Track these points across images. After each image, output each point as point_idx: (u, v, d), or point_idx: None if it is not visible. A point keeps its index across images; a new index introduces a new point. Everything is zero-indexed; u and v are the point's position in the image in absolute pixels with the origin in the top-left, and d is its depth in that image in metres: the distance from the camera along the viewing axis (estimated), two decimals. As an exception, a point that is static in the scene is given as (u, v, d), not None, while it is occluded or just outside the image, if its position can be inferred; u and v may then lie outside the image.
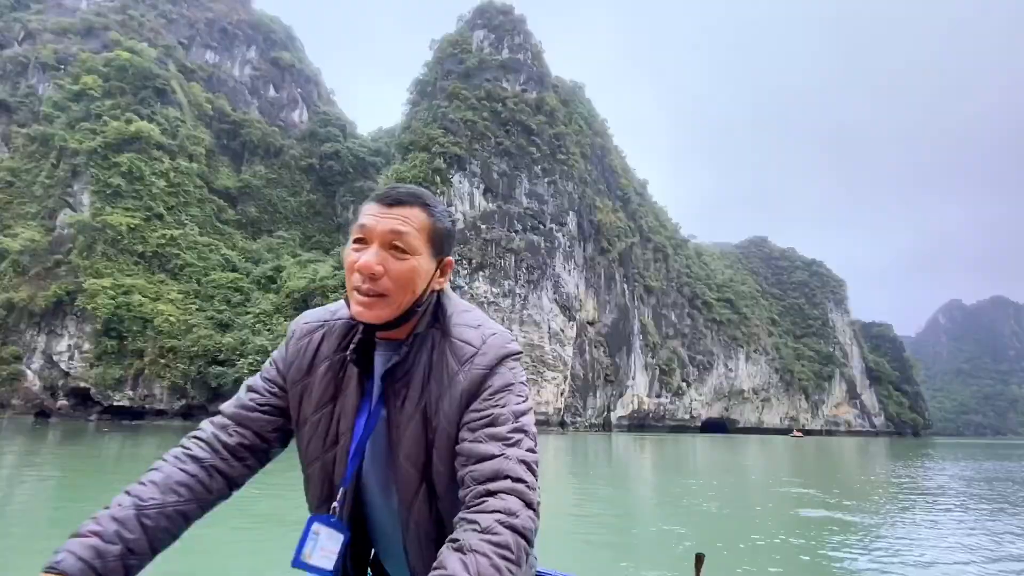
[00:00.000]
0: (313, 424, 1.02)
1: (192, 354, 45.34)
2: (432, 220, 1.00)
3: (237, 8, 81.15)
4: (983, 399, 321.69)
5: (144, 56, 59.33)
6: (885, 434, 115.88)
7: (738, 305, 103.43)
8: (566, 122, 69.22)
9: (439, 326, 1.03)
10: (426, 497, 0.97)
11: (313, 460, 1.03)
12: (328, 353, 1.05)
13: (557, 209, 61.92)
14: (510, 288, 55.47)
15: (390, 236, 0.95)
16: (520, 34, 69.03)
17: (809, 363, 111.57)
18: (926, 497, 13.64)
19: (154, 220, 51.47)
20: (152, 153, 53.55)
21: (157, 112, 56.77)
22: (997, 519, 10.50)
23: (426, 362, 1.00)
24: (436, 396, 0.97)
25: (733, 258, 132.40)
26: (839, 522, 9.44)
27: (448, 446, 0.94)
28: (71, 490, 10.46)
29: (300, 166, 74.26)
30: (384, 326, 0.98)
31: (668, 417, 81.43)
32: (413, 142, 58.70)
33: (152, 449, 19.40)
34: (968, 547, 7.76)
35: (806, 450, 38.73)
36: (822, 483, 16.54)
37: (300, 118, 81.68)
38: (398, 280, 0.95)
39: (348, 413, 1.01)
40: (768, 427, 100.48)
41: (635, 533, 8.55)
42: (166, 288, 48.52)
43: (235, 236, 60.73)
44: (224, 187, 63.43)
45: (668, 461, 24.50)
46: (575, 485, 14.61)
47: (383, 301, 0.95)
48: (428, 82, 68.29)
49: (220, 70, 73.71)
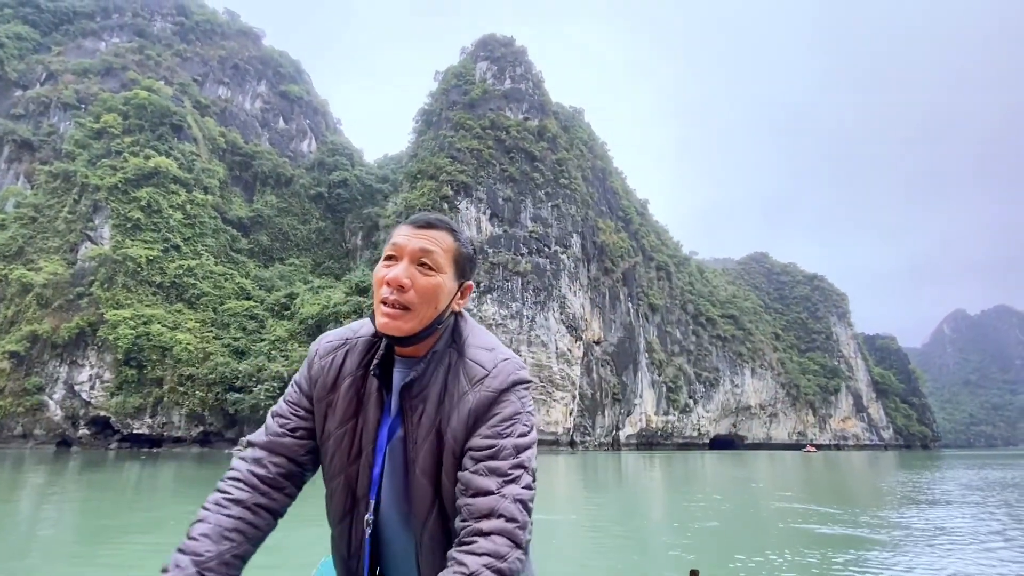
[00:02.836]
0: (337, 439, 1.07)
1: (209, 381, 46.43)
2: (458, 244, 1.11)
3: (248, 45, 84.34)
4: (992, 409, 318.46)
5: (161, 94, 61.81)
6: (894, 447, 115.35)
7: (742, 321, 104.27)
8: (567, 147, 71.40)
9: (456, 346, 1.09)
10: (439, 513, 1.00)
11: (337, 474, 1.08)
12: (351, 369, 1.11)
13: (561, 232, 63.52)
14: (517, 310, 56.69)
15: (419, 253, 1.04)
16: (521, 65, 71.67)
17: (815, 377, 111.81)
18: (937, 509, 14.50)
19: (171, 251, 53.10)
20: (169, 187, 55.50)
21: (174, 147, 58.93)
22: (1011, 527, 11.42)
23: (442, 380, 1.05)
24: (449, 412, 1.02)
25: (735, 274, 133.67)
26: (847, 539, 10.38)
27: (453, 464, 0.99)
28: (93, 516, 11.43)
29: (309, 195, 76.28)
30: (406, 340, 1.04)
31: (676, 435, 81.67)
32: (421, 171, 60.68)
33: (170, 476, 20.09)
34: (985, 562, 7.98)
35: (814, 465, 39.32)
36: (830, 498, 17.38)
37: (309, 148, 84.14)
38: (423, 294, 1.03)
39: (370, 427, 1.06)
40: (777, 442, 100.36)
41: (637, 548, 9.48)
42: (183, 317, 49.86)
43: (248, 264, 62.32)
44: (237, 217, 65.29)
45: (676, 478, 25.33)
46: (584, 503, 15.54)
47: (408, 314, 1.01)
48: (433, 112, 70.70)
49: (232, 104, 76.34)
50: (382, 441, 1.05)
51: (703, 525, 10.80)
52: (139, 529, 9.45)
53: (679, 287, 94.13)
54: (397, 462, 1.05)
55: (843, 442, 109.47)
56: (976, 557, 8.11)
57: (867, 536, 9.71)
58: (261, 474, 1.05)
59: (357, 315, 52.77)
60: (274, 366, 47.63)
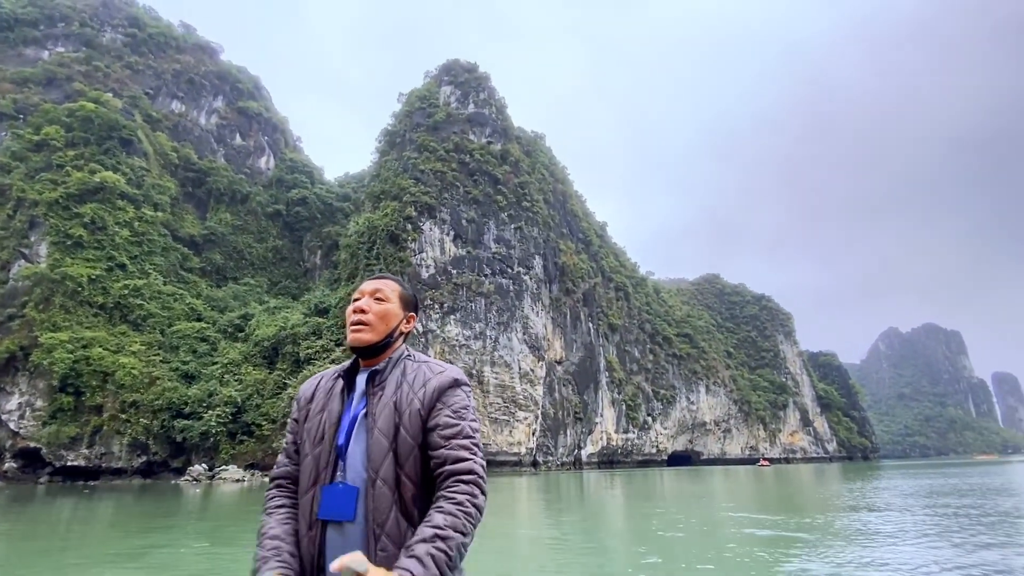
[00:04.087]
0: (308, 430, 1.50)
1: (155, 408, 43.97)
2: (401, 288, 1.64)
3: (204, 59, 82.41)
4: (924, 421, 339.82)
5: (109, 106, 59.34)
6: (838, 459, 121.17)
7: (696, 340, 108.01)
8: (529, 171, 73.09)
9: (412, 359, 1.56)
10: (392, 460, 1.38)
11: (306, 455, 1.48)
12: (323, 384, 1.59)
13: (524, 253, 64.56)
14: (481, 330, 56.87)
15: (374, 291, 1.58)
16: (485, 90, 73.30)
17: (764, 393, 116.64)
18: (874, 514, 15.66)
19: (116, 270, 50.45)
20: (116, 203, 52.99)
21: (122, 162, 56.48)
22: (945, 530, 12.55)
23: (399, 375, 1.50)
24: (407, 393, 1.45)
25: (689, 294, 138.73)
26: (797, 543, 11.18)
27: (417, 423, 1.42)
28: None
29: (267, 212, 74.46)
30: (369, 350, 1.52)
31: (636, 452, 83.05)
32: (384, 191, 60.55)
33: (110, 509, 18.53)
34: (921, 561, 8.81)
35: (767, 478, 41.04)
36: (784, 509, 18.37)
37: (267, 165, 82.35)
38: (378, 314, 1.53)
39: (333, 417, 1.48)
40: (731, 457, 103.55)
41: (606, 559, 9.99)
42: (128, 340, 47.23)
43: (200, 284, 59.88)
44: (189, 235, 62.86)
45: (637, 494, 26.00)
46: (552, 520, 15.87)
47: (367, 328, 1.51)
48: (397, 133, 70.97)
49: (186, 119, 74.07)
50: (344, 422, 1.46)
51: (666, 535, 11.35)
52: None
53: (637, 307, 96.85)
54: (362, 429, 1.44)
55: (792, 455, 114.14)
56: (907, 554, 9.00)
57: (816, 539, 10.51)
58: (288, 497, 1.53)
59: (316, 336, 51.51)
60: (226, 390, 45.71)
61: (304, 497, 1.44)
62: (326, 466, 1.42)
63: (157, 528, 13.55)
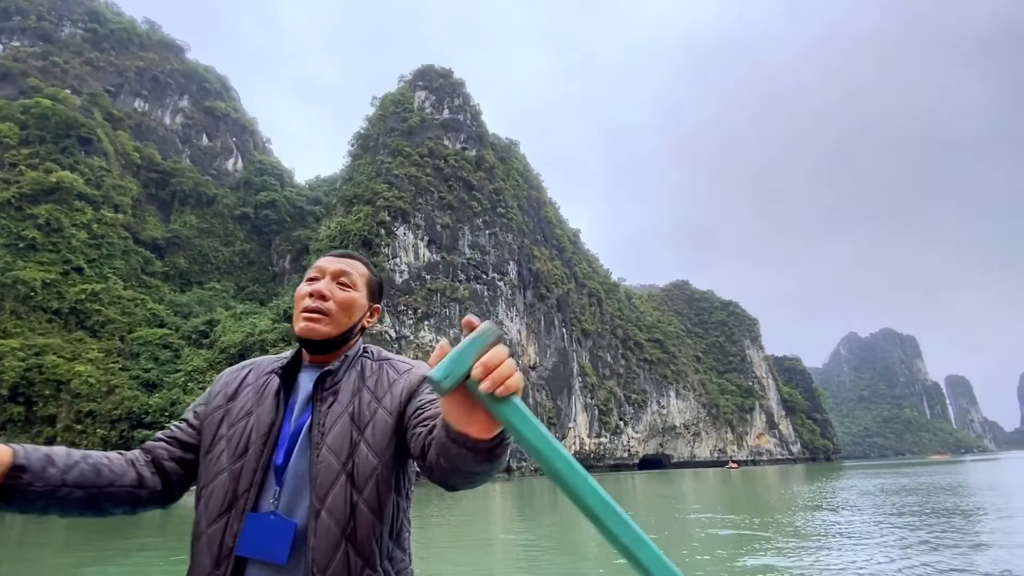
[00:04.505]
0: (227, 439, 1.13)
1: (114, 418, 42.21)
2: (370, 273, 1.32)
3: (169, 57, 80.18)
4: (883, 422, 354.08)
5: (67, 103, 57.09)
6: (802, 460, 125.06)
7: (667, 345, 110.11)
8: (504, 177, 73.56)
9: (370, 357, 1.26)
10: (345, 486, 1.06)
11: (219, 472, 1.10)
12: (253, 380, 1.23)
13: (498, 259, 64.80)
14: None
15: (339, 273, 1.24)
16: (460, 96, 73.55)
17: (732, 397, 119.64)
18: (839, 514, 16.35)
19: (73, 274, 48.39)
20: (73, 204, 50.92)
21: (80, 161, 54.35)
22: (902, 528, 13.20)
23: (356, 378, 1.19)
24: (368, 401, 1.15)
25: (659, 300, 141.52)
26: (751, 539, 11.62)
27: (385, 433, 1.11)
28: None
29: (234, 215, 72.63)
30: (321, 345, 1.20)
31: (608, 456, 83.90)
32: (357, 195, 59.94)
33: (61, 530, 17.55)
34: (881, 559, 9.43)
35: (735, 480, 42.10)
36: (752, 510, 18.96)
37: (235, 167, 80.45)
38: (341, 304, 1.21)
39: (262, 426, 1.13)
40: (700, 460, 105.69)
41: (581, 559, 10.20)
42: (85, 347, 45.26)
43: (162, 289, 57.93)
44: (152, 238, 60.80)
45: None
46: (526, 524, 16.02)
47: (326, 320, 1.19)
48: (371, 137, 70.42)
49: (149, 118, 71.83)
50: (286, 435, 1.13)
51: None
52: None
53: (609, 313, 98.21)
54: (304, 448, 1.11)
55: (759, 457, 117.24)
56: (856, 551, 9.50)
57: (773, 537, 10.97)
58: (131, 457, 1.12)
59: (286, 343, 50.40)
60: (190, 399, 44.19)
61: (213, 525, 1.07)
62: (248, 488, 1.08)
63: (113, 552, 13.02)
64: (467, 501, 23.54)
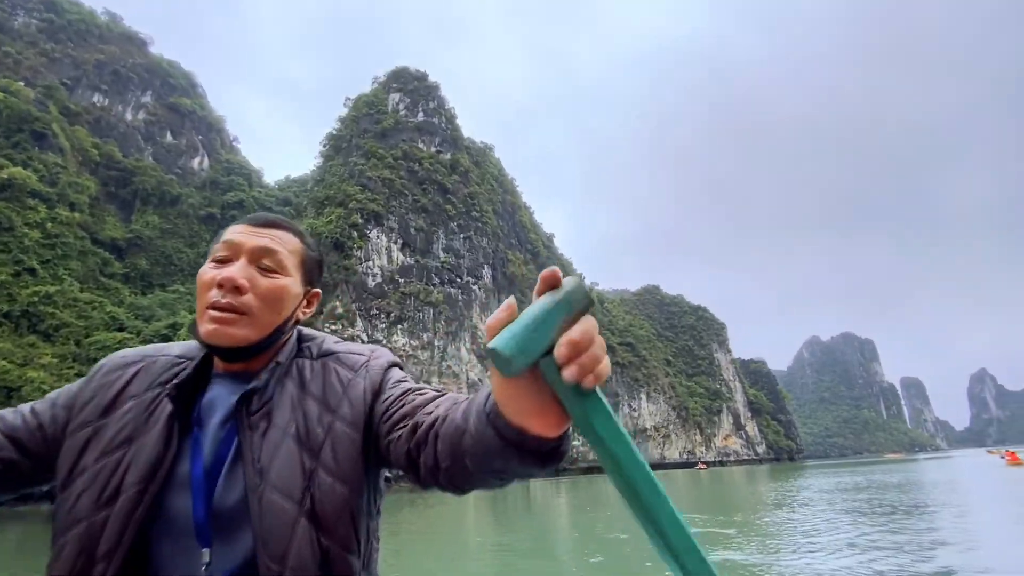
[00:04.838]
0: (92, 475, 0.74)
1: (68, 426, 40.29)
2: (304, 247, 0.92)
3: (132, 51, 77.42)
4: (843, 423, 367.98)
5: (20, 96, 54.44)
6: (767, 460, 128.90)
7: (638, 348, 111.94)
8: (479, 182, 73.63)
9: (308, 354, 0.90)
10: (308, 533, 0.74)
11: (76, 522, 0.72)
12: (138, 391, 0.83)
13: (473, 263, 64.75)
14: (429, 340, 56.33)
15: (260, 253, 0.85)
16: (434, 99, 73.35)
17: (700, 399, 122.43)
18: (803, 511, 16.99)
19: (24, 275, 46.07)
20: (26, 202, 48.52)
21: (34, 157, 51.86)
22: (862, 524, 13.78)
23: (294, 387, 0.84)
24: (316, 413, 0.82)
25: (631, 304, 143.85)
26: (717, 536, 12.00)
27: (349, 452, 0.79)
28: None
29: (199, 216, 70.48)
30: (238, 352, 0.83)
31: (581, 459, 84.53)
32: (329, 197, 59.02)
33: (12, 544, 16.70)
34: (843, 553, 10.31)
35: (703, 481, 43.08)
36: (726, 509, 19.52)
37: (200, 166, 78.14)
38: (265, 297, 0.83)
39: (140, 464, 0.74)
40: (670, 462, 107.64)
41: (544, 564, 10.36)
42: (37, 352, 43.10)
43: (122, 291, 55.68)
44: (111, 238, 58.42)
45: (582, 502, 26.67)
46: (501, 527, 16.11)
47: (244, 320, 0.80)
48: (343, 138, 69.48)
49: (109, 113, 69.13)
50: (196, 477, 0.75)
51: (609, 537, 11.84)
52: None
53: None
54: (233, 492, 0.76)
55: (726, 458, 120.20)
56: (814, 544, 9.95)
57: (737, 533, 11.36)
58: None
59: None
60: (152, 405, 42.64)
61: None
62: (112, 550, 0.70)
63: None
64: (441, 507, 23.44)
